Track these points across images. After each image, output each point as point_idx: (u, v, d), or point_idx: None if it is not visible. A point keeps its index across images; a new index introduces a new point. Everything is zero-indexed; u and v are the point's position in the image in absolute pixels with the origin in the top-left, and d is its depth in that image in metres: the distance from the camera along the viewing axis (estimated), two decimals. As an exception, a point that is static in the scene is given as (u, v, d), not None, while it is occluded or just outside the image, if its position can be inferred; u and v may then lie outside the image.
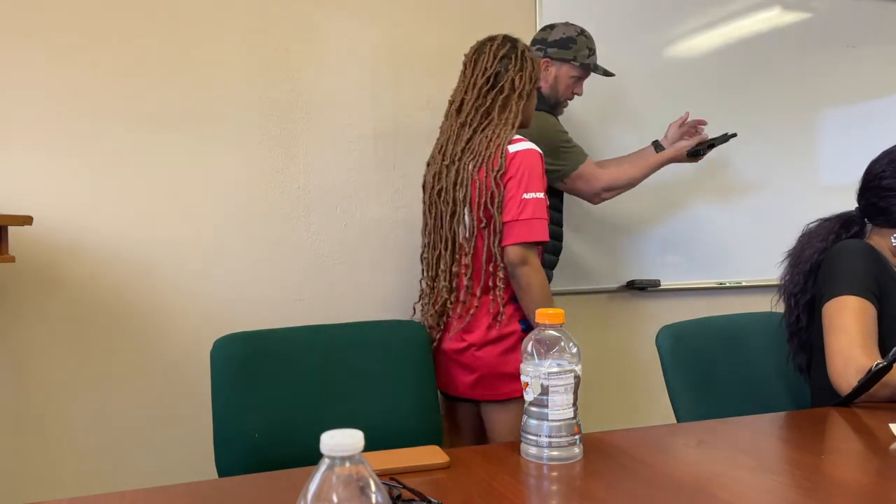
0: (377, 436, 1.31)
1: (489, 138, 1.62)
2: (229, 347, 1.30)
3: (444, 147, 1.69)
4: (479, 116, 1.64)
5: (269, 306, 2.17)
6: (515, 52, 1.66)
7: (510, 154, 1.59)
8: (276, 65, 2.17)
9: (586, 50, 2.06)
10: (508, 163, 1.58)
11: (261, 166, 2.16)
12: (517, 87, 1.64)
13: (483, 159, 1.60)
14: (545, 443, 0.96)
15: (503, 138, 1.60)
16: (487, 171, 1.59)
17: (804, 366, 1.46)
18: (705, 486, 0.86)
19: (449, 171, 1.65)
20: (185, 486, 0.90)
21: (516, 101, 1.65)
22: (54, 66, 1.96)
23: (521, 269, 1.58)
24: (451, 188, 1.64)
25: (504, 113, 1.64)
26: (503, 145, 1.59)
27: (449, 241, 1.66)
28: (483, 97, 1.64)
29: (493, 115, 1.64)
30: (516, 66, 1.65)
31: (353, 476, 0.57)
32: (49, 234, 1.97)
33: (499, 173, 1.57)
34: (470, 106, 1.65)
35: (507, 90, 1.64)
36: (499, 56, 1.65)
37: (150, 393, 2.06)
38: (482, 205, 1.60)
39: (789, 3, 2.74)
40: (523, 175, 1.58)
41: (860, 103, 2.86)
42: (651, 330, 2.62)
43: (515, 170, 1.58)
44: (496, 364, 1.64)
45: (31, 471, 1.96)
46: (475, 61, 1.68)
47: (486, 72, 1.64)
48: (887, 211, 1.40)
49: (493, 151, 1.59)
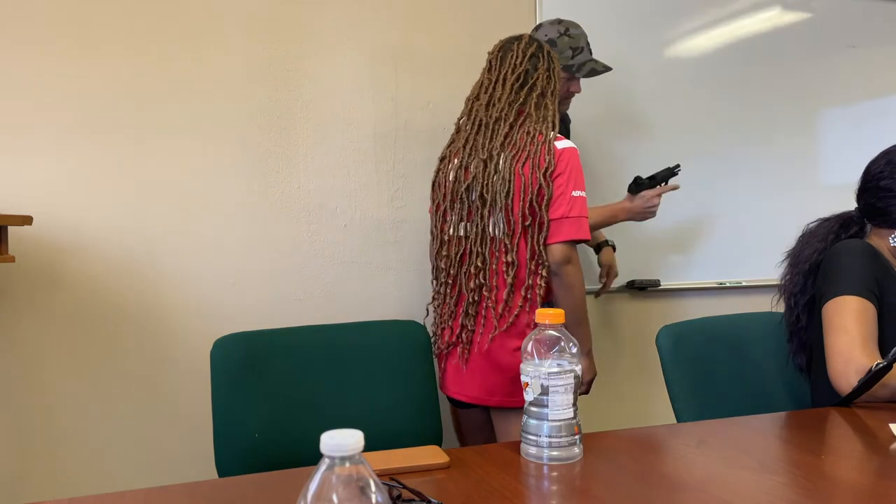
0: (377, 436, 1.31)
1: (530, 134, 1.58)
2: (229, 347, 1.30)
3: (475, 141, 1.63)
4: (515, 112, 1.61)
5: (269, 306, 2.17)
6: (542, 51, 1.66)
7: (558, 151, 1.56)
8: (276, 65, 2.17)
9: (569, 51, 1.96)
10: (557, 159, 1.55)
11: (261, 166, 2.16)
12: (548, 87, 1.64)
13: (528, 155, 1.56)
14: (545, 443, 0.96)
15: (547, 135, 1.57)
16: (534, 168, 1.54)
17: (804, 365, 1.46)
18: (705, 486, 0.86)
19: (487, 166, 1.59)
20: (185, 486, 0.90)
21: (550, 100, 1.63)
22: (54, 67, 1.96)
23: (566, 267, 1.56)
24: (490, 182, 1.58)
25: (540, 111, 1.62)
26: (550, 142, 1.56)
27: (487, 236, 1.60)
28: (516, 93, 1.61)
29: (529, 112, 1.61)
30: (545, 66, 1.64)
31: (353, 476, 0.57)
32: (49, 234, 1.97)
33: (548, 171, 1.54)
34: (504, 101, 1.61)
35: (539, 88, 1.62)
36: (528, 54, 1.63)
37: (151, 393, 2.06)
38: (528, 201, 1.55)
39: (789, 3, 2.75)
40: (572, 172, 1.56)
41: (860, 103, 2.86)
42: (651, 330, 2.62)
43: (564, 167, 1.55)
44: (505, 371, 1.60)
45: (32, 471, 1.96)
46: (501, 59, 1.65)
47: (516, 69, 1.62)
48: (885, 211, 1.40)
49: (540, 147, 1.55)
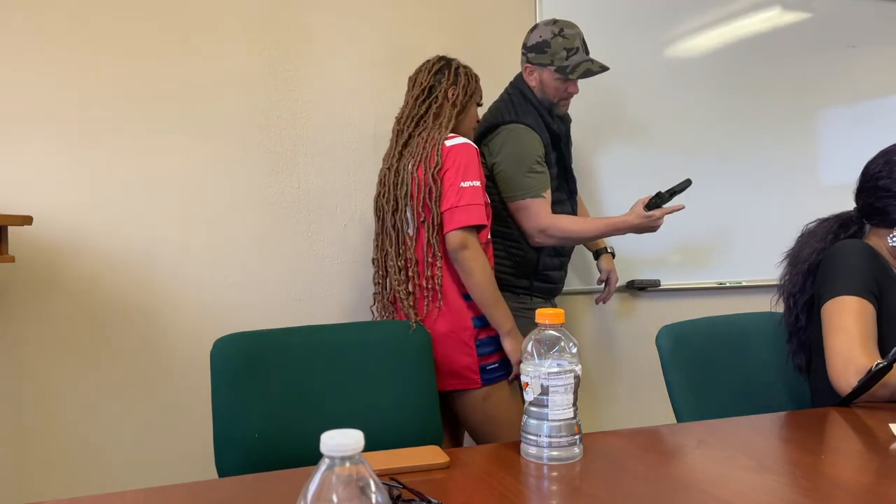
0: (377, 436, 1.31)
1: (425, 139, 1.73)
2: (229, 347, 1.30)
3: (389, 151, 1.82)
4: (414, 122, 1.79)
5: (269, 306, 2.17)
6: (449, 67, 1.82)
7: (446, 148, 1.70)
8: (275, 65, 2.17)
9: (563, 52, 1.95)
10: (445, 157, 1.69)
11: (261, 166, 2.16)
12: (450, 98, 1.79)
13: (421, 158, 1.71)
14: (545, 443, 0.96)
15: (437, 138, 1.71)
16: (426, 169, 1.70)
17: (803, 365, 1.46)
18: (705, 486, 0.86)
19: (389, 174, 1.78)
20: (185, 486, 0.90)
21: (449, 109, 1.79)
22: (54, 67, 1.96)
23: (462, 252, 1.67)
24: (392, 188, 1.76)
25: (438, 119, 1.78)
26: (439, 143, 1.70)
27: (393, 237, 1.76)
28: (418, 107, 1.79)
29: (427, 121, 1.78)
30: (449, 80, 1.80)
31: (353, 476, 0.57)
32: (49, 234, 1.97)
33: (435, 169, 1.68)
34: (406, 115, 1.81)
35: (440, 99, 1.79)
36: (433, 71, 1.81)
37: (150, 393, 2.06)
38: (421, 200, 1.71)
39: (789, 3, 2.75)
40: (460, 166, 1.69)
41: (860, 103, 2.86)
42: (651, 330, 2.62)
43: (452, 162, 1.69)
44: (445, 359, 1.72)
45: (31, 471, 1.96)
46: (414, 80, 1.84)
47: (422, 84, 1.80)
48: (884, 211, 1.40)
49: (430, 150, 1.70)
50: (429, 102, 1.79)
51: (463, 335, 1.72)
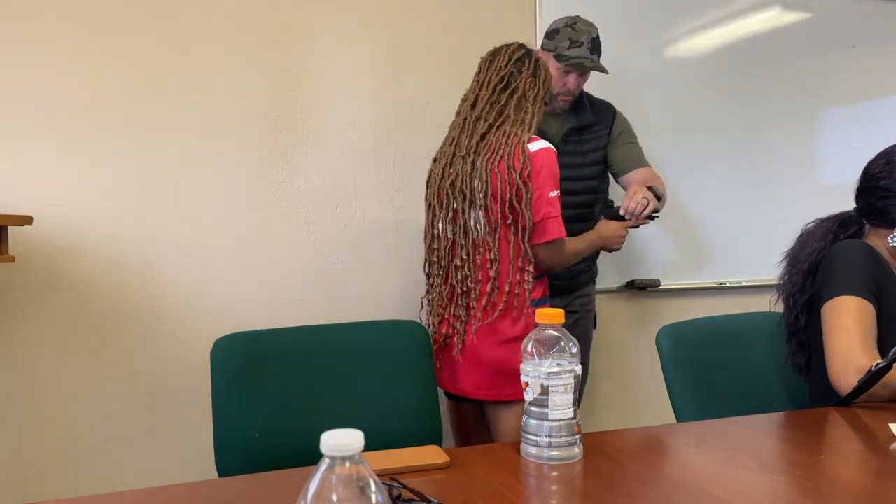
0: (377, 436, 1.30)
1: (507, 135, 1.61)
2: (229, 347, 1.30)
3: (457, 139, 1.67)
4: (495, 113, 1.65)
5: (269, 306, 2.17)
6: (530, 57, 1.69)
7: (531, 152, 1.59)
8: (276, 65, 2.17)
9: (567, 42, 1.95)
10: (532, 160, 1.58)
11: (261, 166, 2.16)
12: (530, 91, 1.66)
13: (503, 155, 1.59)
14: (545, 443, 0.96)
15: (521, 136, 1.61)
16: (509, 168, 1.58)
17: (803, 365, 1.46)
18: (705, 486, 0.86)
19: (465, 163, 1.63)
20: (185, 486, 0.90)
21: (532, 104, 1.66)
22: (54, 67, 1.96)
23: (553, 263, 1.66)
24: (468, 178, 1.62)
25: (519, 113, 1.65)
26: (523, 143, 1.59)
27: (470, 232, 1.64)
28: (497, 95, 1.65)
29: (508, 113, 1.64)
30: (529, 70, 1.67)
31: (353, 476, 0.57)
32: (49, 234, 1.97)
33: (524, 171, 1.57)
34: (485, 102, 1.66)
35: (520, 91, 1.66)
36: (513, 59, 1.67)
37: (150, 393, 2.06)
38: (506, 201, 1.59)
39: (789, 3, 2.74)
40: (549, 173, 1.60)
41: (860, 103, 2.86)
42: (651, 330, 2.62)
43: (539, 168, 1.58)
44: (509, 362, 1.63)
45: (31, 471, 1.96)
46: (490, 62, 1.70)
47: (501, 71, 1.66)
48: (884, 211, 1.40)
49: (514, 148, 1.58)
50: (510, 92, 1.65)
51: None
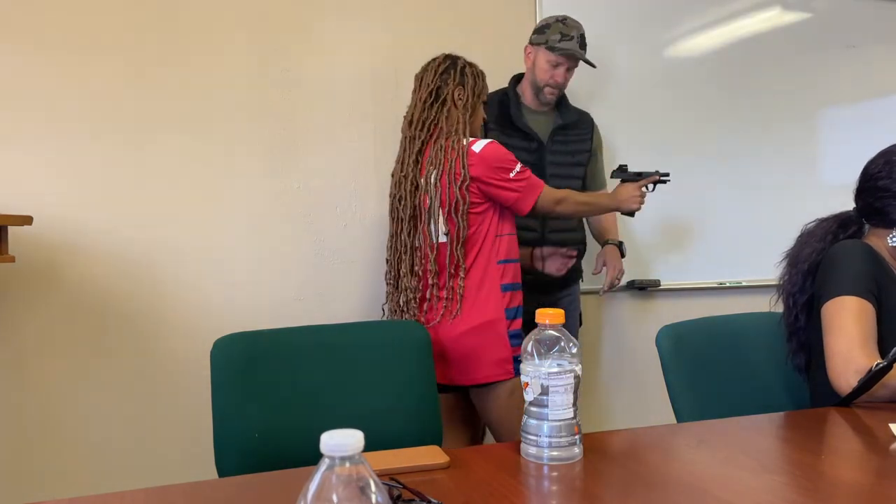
0: (377, 436, 1.30)
1: (443, 148, 1.71)
2: (229, 347, 1.30)
3: (401, 158, 1.80)
4: (426, 128, 1.76)
5: (269, 306, 2.17)
6: (455, 67, 1.78)
7: (476, 155, 1.68)
8: (276, 65, 2.17)
9: (557, 35, 2.03)
10: (479, 161, 1.67)
11: (261, 167, 2.16)
12: (459, 99, 1.77)
13: (444, 169, 1.69)
14: (545, 443, 0.95)
15: (458, 148, 1.69)
16: (450, 181, 1.67)
17: (803, 365, 1.46)
18: (705, 486, 0.86)
19: (405, 182, 1.75)
20: (185, 486, 0.90)
21: (462, 111, 1.76)
22: (54, 67, 1.96)
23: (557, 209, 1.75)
24: (409, 196, 1.74)
25: (452, 123, 1.76)
26: (462, 152, 1.68)
27: (408, 245, 1.76)
28: (427, 110, 1.76)
29: (441, 126, 1.75)
30: (455, 80, 1.77)
31: (353, 476, 0.57)
32: (49, 234, 1.97)
33: (463, 184, 1.66)
34: (417, 119, 1.77)
35: (449, 102, 1.76)
36: (439, 72, 1.78)
37: (150, 393, 2.06)
38: (447, 213, 1.70)
39: (789, 3, 2.74)
40: (501, 162, 1.69)
41: (860, 103, 2.86)
42: (651, 330, 2.62)
43: (491, 161, 1.68)
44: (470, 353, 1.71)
45: (31, 471, 1.96)
46: (420, 79, 1.81)
47: (429, 87, 1.77)
48: (883, 211, 1.40)
49: (454, 161, 1.68)
50: (437, 106, 1.76)
51: (499, 327, 1.72)
